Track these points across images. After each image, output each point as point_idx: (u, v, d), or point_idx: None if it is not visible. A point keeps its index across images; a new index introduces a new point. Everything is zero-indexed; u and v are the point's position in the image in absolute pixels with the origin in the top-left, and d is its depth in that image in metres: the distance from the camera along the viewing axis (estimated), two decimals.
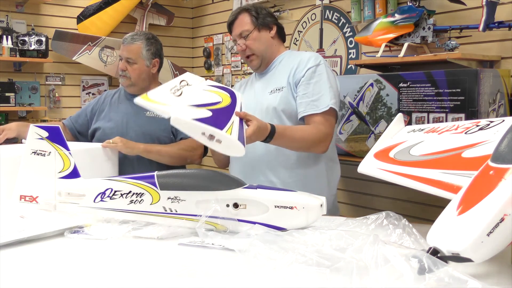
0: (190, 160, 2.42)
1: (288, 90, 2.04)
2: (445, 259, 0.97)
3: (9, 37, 3.86)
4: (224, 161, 2.23)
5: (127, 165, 2.31)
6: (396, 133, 1.59)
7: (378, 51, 2.64)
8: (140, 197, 1.43)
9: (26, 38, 3.92)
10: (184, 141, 2.41)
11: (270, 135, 1.76)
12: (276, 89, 2.06)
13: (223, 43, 4.38)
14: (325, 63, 2.08)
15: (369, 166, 1.51)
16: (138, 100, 1.40)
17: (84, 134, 2.60)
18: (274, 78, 2.12)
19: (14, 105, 3.87)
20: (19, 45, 3.91)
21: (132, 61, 2.49)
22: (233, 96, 1.62)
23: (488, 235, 0.95)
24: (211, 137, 1.33)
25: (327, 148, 2.03)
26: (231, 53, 4.25)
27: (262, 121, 1.70)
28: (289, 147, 1.95)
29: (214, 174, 1.43)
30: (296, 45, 3.57)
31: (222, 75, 4.38)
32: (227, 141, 1.37)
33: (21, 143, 2.17)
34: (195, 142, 1.89)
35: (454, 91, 2.19)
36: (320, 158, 2.08)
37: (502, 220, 0.95)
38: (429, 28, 2.46)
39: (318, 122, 1.97)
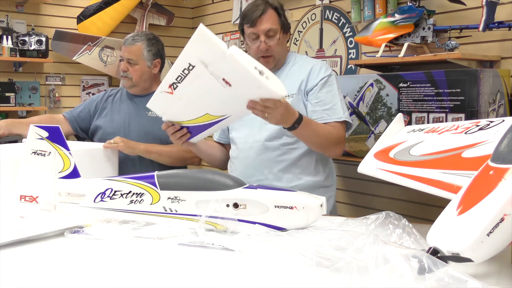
0: (190, 161, 2.42)
1: (299, 97, 2.03)
2: (445, 259, 0.97)
3: (9, 37, 3.86)
4: (218, 160, 2.21)
5: (129, 165, 2.32)
6: (396, 133, 1.59)
7: (378, 51, 2.64)
8: (140, 197, 1.43)
9: (26, 38, 3.92)
10: None
11: (298, 120, 1.76)
12: (286, 95, 2.05)
13: None
14: (335, 74, 2.10)
15: (369, 166, 1.51)
16: (203, 27, 1.46)
17: (84, 129, 2.60)
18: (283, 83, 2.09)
19: (14, 105, 3.87)
20: (19, 45, 3.90)
21: (133, 62, 2.49)
22: None
23: (488, 235, 0.95)
24: (261, 72, 1.49)
25: (341, 153, 2.05)
26: None
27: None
28: (312, 140, 1.93)
29: (214, 174, 1.43)
30: (296, 45, 3.57)
31: None
32: (273, 78, 1.58)
33: (21, 142, 2.17)
34: None
35: (454, 91, 2.19)
36: (322, 164, 2.09)
37: (502, 220, 0.95)
38: (429, 28, 2.46)
39: (334, 126, 2.00)
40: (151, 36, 2.59)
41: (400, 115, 1.64)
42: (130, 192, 1.44)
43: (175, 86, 1.61)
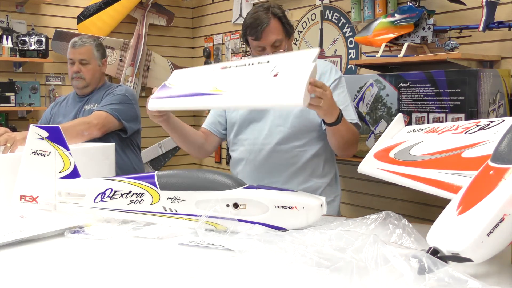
0: (87, 133, 2.34)
1: None
2: (445, 259, 0.97)
3: (9, 37, 3.86)
4: (191, 142, 2.07)
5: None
6: (396, 133, 1.59)
7: (378, 51, 2.64)
8: (140, 197, 1.43)
9: (26, 38, 3.92)
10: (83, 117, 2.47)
11: (340, 113, 1.73)
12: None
13: (223, 43, 4.38)
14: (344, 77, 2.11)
15: (369, 166, 1.51)
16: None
17: None
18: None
19: (14, 105, 3.87)
20: (19, 45, 3.91)
21: (86, 62, 2.63)
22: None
23: (488, 235, 0.95)
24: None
25: (355, 152, 2.04)
26: (231, 53, 4.25)
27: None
28: (344, 136, 1.89)
29: (214, 174, 1.43)
30: (296, 45, 3.57)
31: None
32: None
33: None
34: (93, 117, 2.37)
35: (454, 91, 2.19)
36: (329, 165, 2.10)
37: (502, 220, 0.95)
38: (429, 28, 2.46)
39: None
40: (96, 38, 2.81)
41: (400, 115, 1.64)
42: (130, 192, 1.44)
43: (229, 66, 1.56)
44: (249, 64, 1.56)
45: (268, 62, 1.54)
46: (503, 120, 1.34)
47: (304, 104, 1.42)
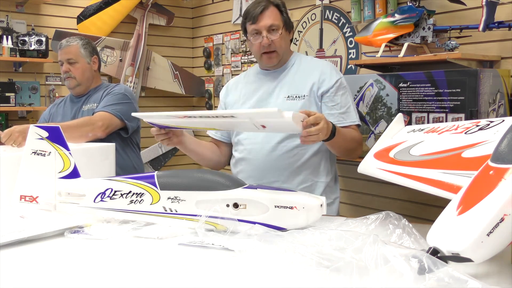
0: (92, 134, 2.36)
1: (311, 99, 2.02)
2: (445, 259, 0.97)
3: (9, 37, 3.86)
4: (207, 160, 2.16)
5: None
6: (396, 133, 1.59)
7: (378, 51, 2.64)
8: (140, 197, 1.43)
9: (26, 38, 3.92)
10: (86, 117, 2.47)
11: (333, 129, 1.74)
12: (296, 96, 2.02)
13: (223, 43, 4.38)
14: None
15: (369, 166, 1.51)
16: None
17: None
18: (290, 84, 2.06)
19: (14, 105, 3.87)
20: (19, 45, 3.91)
21: (73, 61, 2.63)
22: None
23: (488, 235, 0.95)
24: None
25: (360, 154, 2.05)
26: (231, 53, 4.25)
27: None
28: (343, 146, 1.92)
29: (214, 174, 1.43)
30: (296, 45, 3.57)
31: (222, 75, 4.38)
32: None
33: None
34: (97, 118, 2.39)
35: (454, 91, 2.19)
36: (330, 164, 2.11)
37: (502, 220, 0.95)
38: (429, 28, 2.46)
39: (353, 129, 2.02)
40: (83, 37, 2.80)
41: (400, 115, 1.64)
42: (130, 192, 1.44)
43: (193, 116, 1.55)
44: (213, 117, 1.62)
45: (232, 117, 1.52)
46: (503, 120, 1.34)
47: (299, 130, 1.55)
